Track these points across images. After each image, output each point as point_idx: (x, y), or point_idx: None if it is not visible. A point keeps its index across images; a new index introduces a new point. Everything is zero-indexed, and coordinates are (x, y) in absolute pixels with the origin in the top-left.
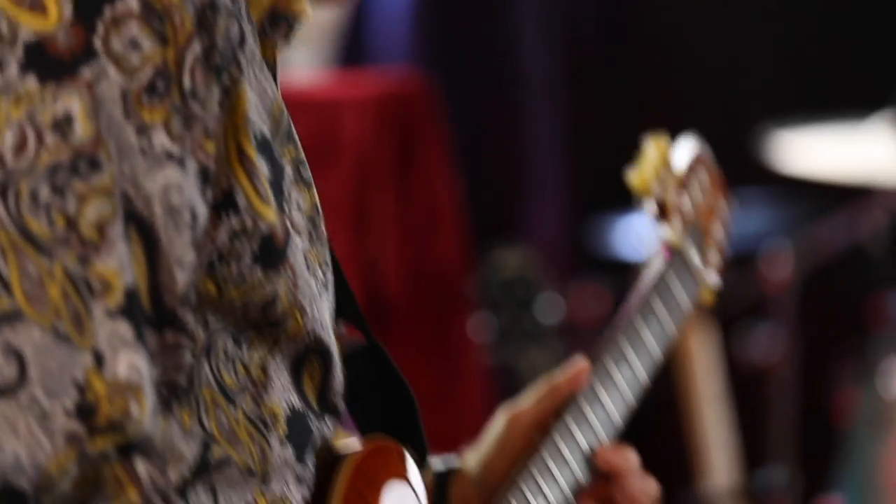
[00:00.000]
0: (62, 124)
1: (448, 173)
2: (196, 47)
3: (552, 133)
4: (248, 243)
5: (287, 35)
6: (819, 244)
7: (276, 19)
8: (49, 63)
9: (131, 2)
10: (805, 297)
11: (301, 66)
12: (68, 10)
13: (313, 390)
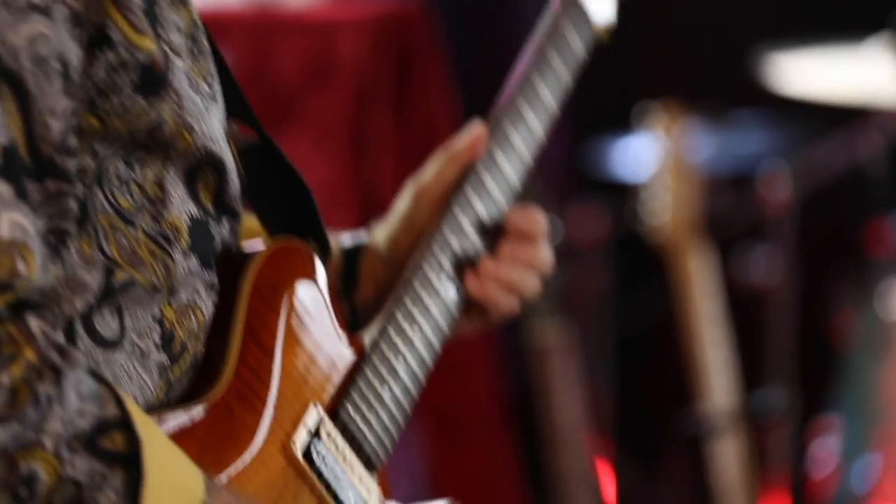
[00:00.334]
0: None
1: (446, 95)
2: None
3: None
4: (126, 75)
5: None
6: (817, 166)
7: None
8: None
9: None
10: (803, 218)
11: None
12: None
13: (209, 196)
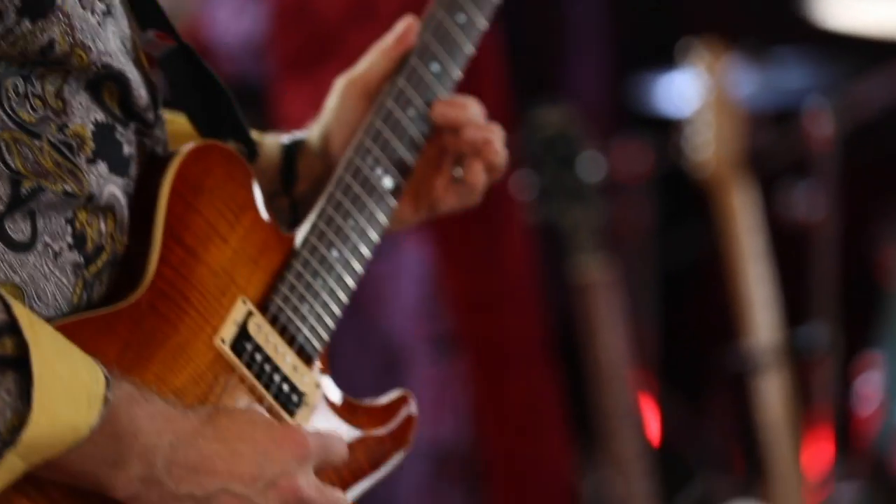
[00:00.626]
0: None
1: (489, 30)
2: None
3: None
4: (8, 1)
5: None
6: (860, 101)
7: None
8: None
9: None
10: (847, 154)
11: None
12: None
13: (115, 104)
